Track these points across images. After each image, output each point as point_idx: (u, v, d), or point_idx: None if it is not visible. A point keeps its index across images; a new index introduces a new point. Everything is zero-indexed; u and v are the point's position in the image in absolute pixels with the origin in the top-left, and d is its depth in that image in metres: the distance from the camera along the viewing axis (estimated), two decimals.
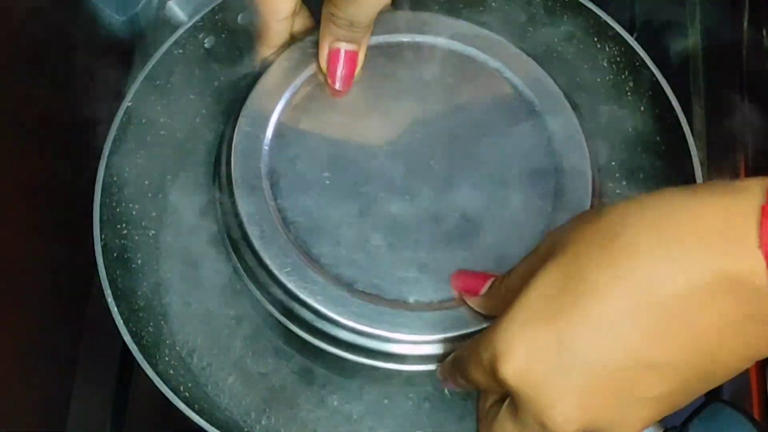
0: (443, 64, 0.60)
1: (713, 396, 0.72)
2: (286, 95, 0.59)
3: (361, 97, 0.59)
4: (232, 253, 0.57)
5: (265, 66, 0.60)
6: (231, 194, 0.56)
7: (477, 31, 0.61)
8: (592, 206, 0.57)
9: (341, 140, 0.57)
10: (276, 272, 0.55)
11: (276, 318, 0.56)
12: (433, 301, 0.54)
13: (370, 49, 0.59)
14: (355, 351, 0.55)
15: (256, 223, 0.55)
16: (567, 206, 0.57)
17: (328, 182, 0.56)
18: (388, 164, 0.57)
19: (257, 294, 0.56)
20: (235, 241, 0.57)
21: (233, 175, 0.56)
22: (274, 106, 0.58)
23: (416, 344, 0.54)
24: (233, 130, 0.58)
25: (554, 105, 0.59)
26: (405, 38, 0.60)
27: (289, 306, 0.55)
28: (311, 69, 0.60)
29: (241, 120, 0.58)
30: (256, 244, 0.55)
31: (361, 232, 0.55)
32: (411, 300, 0.54)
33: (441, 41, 0.60)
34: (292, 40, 0.61)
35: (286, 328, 0.56)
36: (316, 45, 0.59)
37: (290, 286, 0.54)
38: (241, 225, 0.56)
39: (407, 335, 0.54)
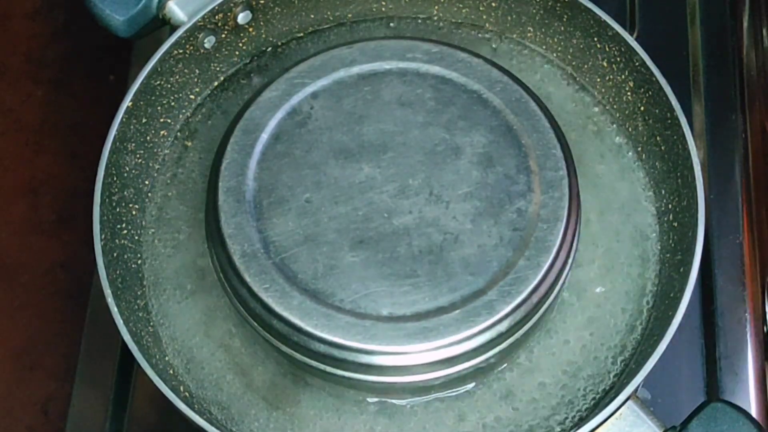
0: (424, 87, 0.62)
1: (713, 396, 0.72)
2: (272, 122, 0.61)
3: (344, 123, 0.61)
4: (219, 269, 0.60)
5: (258, 90, 0.63)
6: (216, 215, 0.59)
7: (458, 55, 0.63)
8: (568, 218, 0.58)
9: (323, 163, 0.60)
10: (255, 289, 0.57)
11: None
12: (406, 313, 0.57)
13: (354, 77, 0.62)
14: (334, 363, 0.57)
15: (239, 243, 0.58)
16: (545, 220, 0.58)
17: (308, 203, 0.59)
18: (367, 185, 0.60)
19: (241, 310, 0.59)
20: (221, 258, 0.59)
21: (219, 200, 0.59)
22: (259, 135, 0.61)
23: (391, 355, 0.56)
24: (221, 154, 0.60)
25: (533, 124, 0.61)
26: (387, 65, 0.63)
27: (269, 321, 0.57)
28: (298, 97, 0.62)
29: (228, 146, 0.61)
30: (238, 262, 0.58)
31: (338, 249, 0.58)
32: (385, 313, 0.56)
33: (423, 66, 0.63)
34: (284, 71, 0.63)
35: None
36: (304, 75, 0.62)
37: (269, 301, 0.57)
38: (224, 244, 0.58)
39: (382, 347, 0.56)
